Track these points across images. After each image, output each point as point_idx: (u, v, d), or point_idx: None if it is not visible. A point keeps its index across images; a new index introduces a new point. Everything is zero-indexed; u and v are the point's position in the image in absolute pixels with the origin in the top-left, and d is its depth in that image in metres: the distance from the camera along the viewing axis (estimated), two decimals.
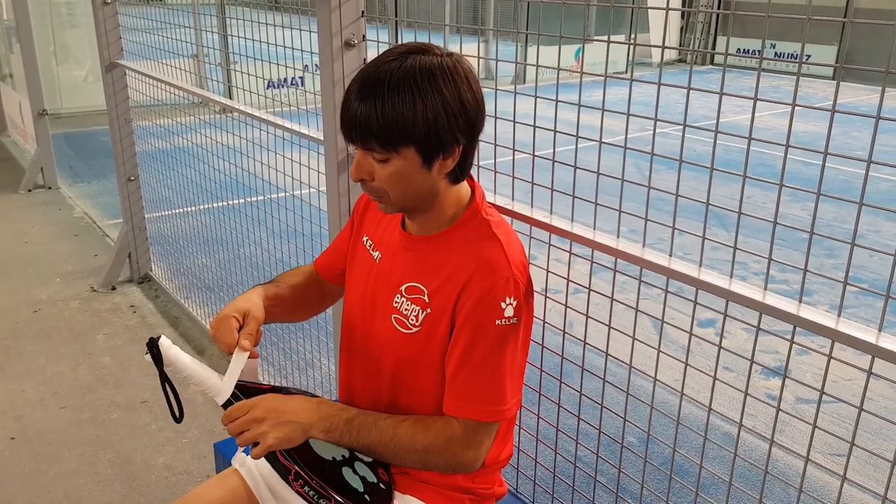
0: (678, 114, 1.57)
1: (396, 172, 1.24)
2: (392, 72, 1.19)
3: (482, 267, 1.27)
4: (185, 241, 3.99)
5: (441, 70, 1.21)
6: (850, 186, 6.30)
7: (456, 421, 1.30)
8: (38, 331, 3.77)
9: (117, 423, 3.00)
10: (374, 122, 1.18)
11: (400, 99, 1.18)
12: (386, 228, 1.46)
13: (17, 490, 2.61)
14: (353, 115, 1.21)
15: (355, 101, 1.20)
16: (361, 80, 1.21)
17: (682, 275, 1.40)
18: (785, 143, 1.23)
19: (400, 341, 1.36)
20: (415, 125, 1.19)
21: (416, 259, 1.36)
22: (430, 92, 1.19)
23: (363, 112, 1.19)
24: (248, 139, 2.96)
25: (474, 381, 1.28)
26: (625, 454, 1.75)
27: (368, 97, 1.19)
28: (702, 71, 14.58)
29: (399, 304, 1.36)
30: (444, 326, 1.31)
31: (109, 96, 4.05)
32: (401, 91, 1.18)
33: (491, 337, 1.26)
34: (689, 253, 1.48)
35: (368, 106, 1.18)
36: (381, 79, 1.19)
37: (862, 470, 2.81)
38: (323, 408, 1.31)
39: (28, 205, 5.89)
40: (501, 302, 1.25)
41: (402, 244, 1.40)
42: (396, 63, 1.20)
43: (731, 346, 1.44)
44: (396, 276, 1.38)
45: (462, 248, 1.31)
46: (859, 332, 1.16)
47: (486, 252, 1.29)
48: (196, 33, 3.86)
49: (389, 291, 1.38)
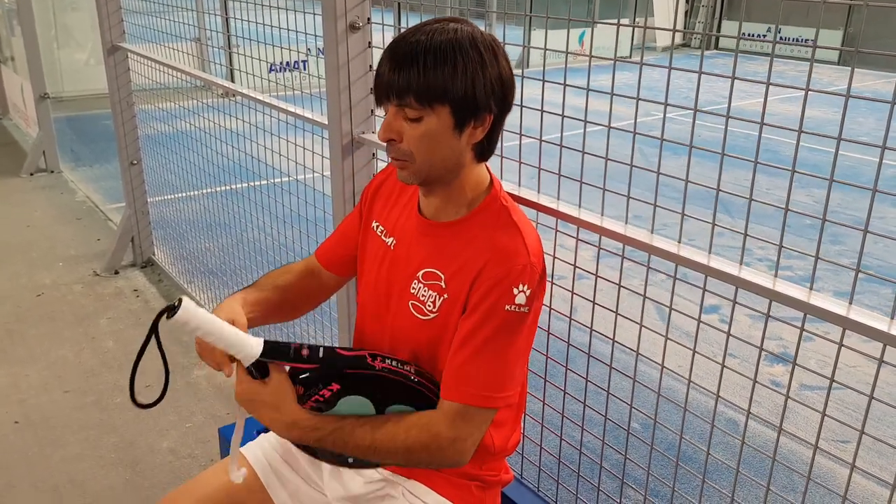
0: (682, 99, 1.56)
1: (428, 132, 1.23)
2: (435, 33, 1.21)
3: (499, 254, 1.27)
4: (187, 225, 3.98)
5: (482, 39, 1.24)
6: (856, 172, 6.28)
7: (442, 413, 1.27)
8: (42, 315, 3.77)
9: (121, 407, 3.00)
10: (414, 76, 1.19)
11: (442, 56, 1.19)
12: (401, 214, 1.44)
13: (22, 474, 2.62)
14: (394, 70, 1.21)
15: (393, 60, 1.22)
16: (400, 41, 1.23)
17: (692, 261, 1.39)
18: (797, 129, 1.21)
19: (417, 327, 1.35)
20: (454, 83, 1.20)
21: (435, 245, 1.35)
22: (471, 55, 1.21)
23: (404, 67, 1.20)
24: (252, 123, 2.94)
25: (474, 364, 1.26)
26: (630, 440, 1.75)
27: (409, 54, 1.20)
28: (706, 56, 14.49)
29: (416, 290, 1.35)
30: (458, 312, 1.30)
31: (111, 79, 4.02)
32: (444, 50, 1.20)
33: (498, 321, 1.25)
34: (694, 239, 1.47)
35: (410, 62, 1.20)
36: (423, 38, 1.21)
37: (866, 457, 2.81)
38: (294, 430, 1.25)
39: (30, 189, 5.87)
40: (514, 288, 1.24)
41: (420, 230, 1.38)
42: (440, 27, 1.23)
43: (736, 333, 1.43)
44: (414, 263, 1.37)
45: (481, 235, 1.31)
46: (871, 319, 1.15)
47: (505, 240, 1.29)
48: (198, 16, 3.84)
49: (406, 278, 1.37)
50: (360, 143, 2.18)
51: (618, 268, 1.64)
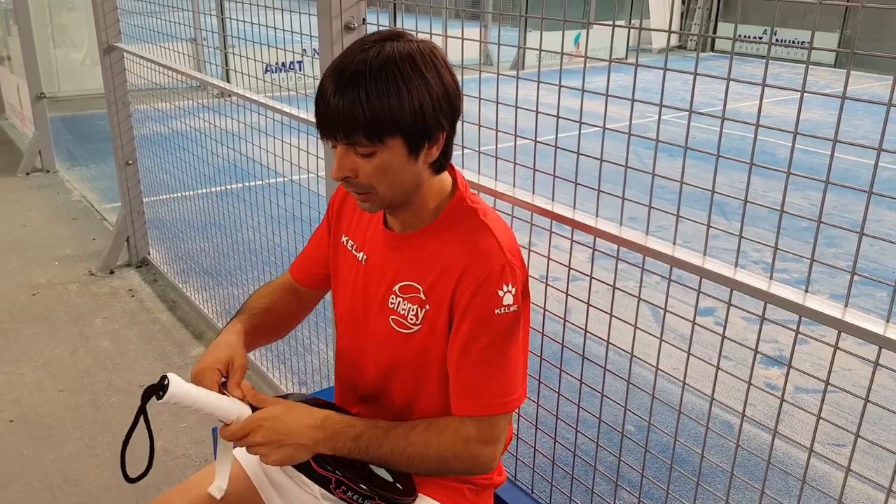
0: (678, 100, 1.56)
1: (382, 165, 1.19)
2: (371, 60, 1.14)
3: (476, 257, 1.24)
4: (183, 225, 3.97)
5: (420, 55, 1.17)
6: (852, 175, 6.28)
7: (469, 420, 1.26)
8: (37, 314, 3.76)
9: (116, 406, 2.99)
10: (359, 113, 1.13)
11: (384, 86, 1.13)
12: (367, 227, 1.41)
13: (16, 472, 2.61)
14: (336, 108, 1.14)
15: (334, 95, 1.14)
16: (338, 73, 1.15)
17: (687, 263, 1.39)
18: (793, 131, 1.21)
19: (400, 341, 1.33)
20: (402, 113, 1.14)
21: (406, 257, 1.32)
22: (413, 77, 1.15)
23: (346, 105, 1.13)
24: (247, 123, 2.94)
25: (480, 375, 1.24)
26: (624, 443, 1.74)
27: (350, 88, 1.13)
28: (702, 58, 14.52)
29: (395, 304, 1.32)
30: (443, 320, 1.28)
31: (107, 79, 4.01)
32: (384, 78, 1.13)
33: (491, 328, 1.23)
34: (689, 241, 1.47)
35: (351, 97, 1.13)
36: (362, 68, 1.13)
37: (861, 460, 2.81)
38: (329, 424, 1.24)
39: (26, 188, 5.86)
40: (498, 290, 1.22)
41: (388, 243, 1.35)
42: (374, 51, 1.15)
43: (730, 335, 1.43)
44: (388, 277, 1.34)
45: (452, 240, 1.28)
46: (866, 322, 1.15)
47: (478, 241, 1.26)
48: (194, 16, 3.83)
49: (383, 293, 1.34)
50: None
51: (612, 269, 1.64)
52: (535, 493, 2.02)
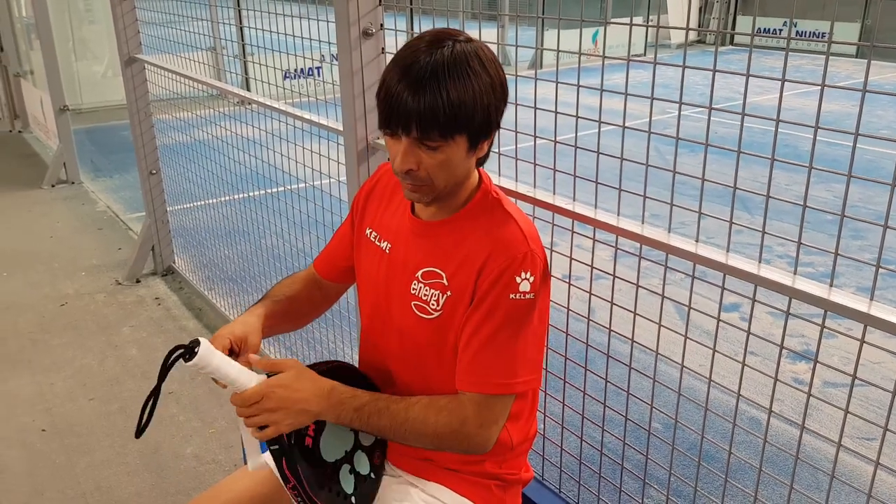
0: (698, 95, 1.55)
1: (447, 160, 1.23)
2: (447, 58, 1.17)
3: (499, 245, 1.28)
4: (207, 233, 4.01)
5: (484, 54, 1.22)
6: (876, 166, 6.21)
7: (467, 399, 1.29)
8: (65, 324, 3.81)
9: None
10: (440, 111, 1.16)
11: (462, 85, 1.17)
12: (392, 217, 1.44)
13: (49, 481, 2.65)
14: (415, 105, 1.16)
15: (412, 93, 1.16)
16: (412, 70, 1.17)
17: (710, 260, 1.38)
18: (814, 125, 1.21)
19: (422, 327, 1.35)
20: (474, 111, 1.19)
21: (431, 244, 1.36)
22: (482, 76, 1.20)
23: (427, 102, 1.16)
24: (267, 131, 2.96)
25: (486, 355, 1.27)
26: (651, 440, 1.74)
27: (430, 86, 1.16)
28: (721, 52, 14.40)
29: (417, 290, 1.35)
30: (463, 307, 1.30)
31: (129, 91, 4.07)
32: (461, 77, 1.17)
33: (503, 310, 1.26)
34: (713, 237, 1.46)
35: (431, 95, 1.16)
36: (439, 67, 1.17)
37: (892, 454, 2.78)
38: (334, 395, 1.28)
39: (52, 200, 5.94)
40: (517, 276, 1.25)
41: (415, 231, 1.39)
42: (446, 50, 1.18)
43: (756, 330, 1.42)
44: (412, 263, 1.37)
45: (477, 230, 1.31)
46: (893, 315, 1.14)
47: (502, 230, 1.30)
48: (213, 26, 3.87)
49: (405, 279, 1.38)
50: (375, 149, 2.19)
51: (635, 267, 1.63)
52: (563, 492, 2.02)
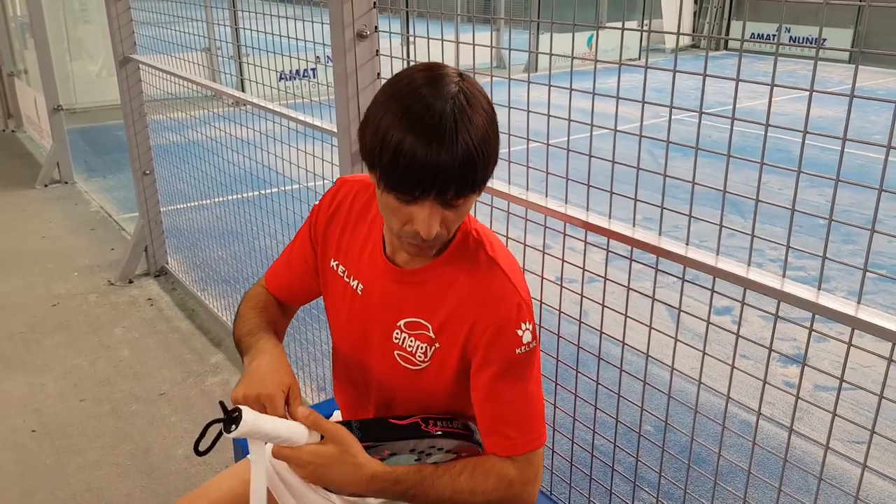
0: (692, 100, 1.56)
1: (463, 213, 1.15)
2: (462, 103, 1.06)
3: (491, 301, 1.22)
4: (200, 233, 4.01)
5: (482, 94, 1.13)
6: (868, 171, 6.24)
7: (508, 461, 1.25)
8: (57, 324, 3.80)
9: (136, 415, 3.02)
10: (474, 166, 1.07)
11: (484, 131, 1.08)
12: (361, 254, 1.35)
13: (39, 482, 2.64)
14: (448, 165, 1.04)
15: (432, 150, 1.04)
16: (431, 121, 1.04)
17: (700, 263, 1.39)
18: (803, 130, 1.22)
19: (409, 377, 1.31)
20: (491, 160, 1.10)
21: (413, 294, 1.28)
22: (494, 122, 1.12)
23: (460, 160, 1.05)
24: (262, 132, 2.96)
25: (509, 415, 1.24)
26: (642, 443, 1.74)
27: (458, 140, 1.04)
28: (716, 56, 14.45)
29: (400, 339, 1.30)
30: (454, 359, 1.26)
31: (123, 91, 4.06)
32: (479, 121, 1.08)
33: (513, 367, 1.22)
34: (706, 241, 1.47)
35: (463, 150, 1.05)
36: (458, 115, 1.05)
37: (881, 457, 2.80)
38: (375, 483, 1.20)
39: (45, 200, 5.93)
40: (517, 330, 1.21)
41: (392, 277, 1.30)
42: (452, 88, 1.07)
43: (748, 334, 1.43)
44: (392, 312, 1.30)
45: (461, 276, 1.24)
46: (879, 318, 1.15)
47: (490, 282, 1.23)
48: (208, 26, 3.87)
49: (385, 327, 1.31)
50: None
51: (627, 270, 1.64)
52: (554, 494, 2.03)
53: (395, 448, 1.25)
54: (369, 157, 1.11)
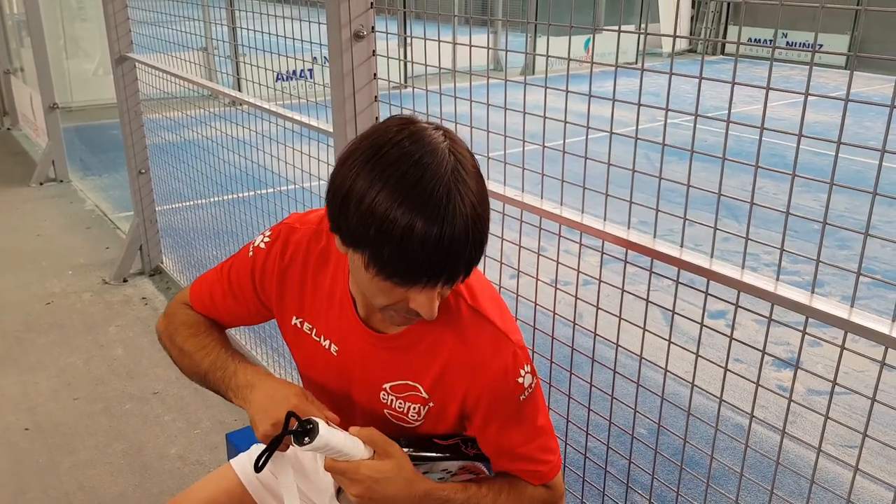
0: (688, 104, 1.56)
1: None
2: (456, 184, 0.97)
3: (484, 362, 1.17)
4: (195, 233, 4.00)
5: (469, 154, 1.05)
6: (863, 177, 6.26)
7: (541, 486, 1.28)
8: (51, 323, 3.80)
9: (130, 413, 3.02)
10: (479, 246, 1.01)
11: (481, 217, 1.00)
12: (329, 313, 1.26)
13: (32, 480, 2.63)
14: (445, 255, 0.97)
15: (435, 239, 0.96)
16: (432, 201, 0.95)
17: (694, 266, 1.39)
18: (798, 133, 1.22)
19: (398, 429, 1.27)
20: (486, 234, 1.03)
21: (397, 359, 1.22)
22: (484, 191, 1.03)
23: (458, 249, 0.98)
24: (258, 132, 2.96)
25: (530, 454, 1.24)
26: (635, 445, 1.75)
27: (456, 228, 0.97)
28: (712, 61, 14.50)
29: (388, 400, 1.25)
30: (452, 413, 1.23)
31: (120, 90, 4.06)
32: (479, 205, 1.00)
33: (522, 412, 1.21)
34: (700, 244, 1.48)
35: (474, 228, 0.98)
36: (464, 192, 0.98)
37: (874, 461, 2.80)
38: (427, 501, 1.18)
39: (40, 198, 5.92)
40: (518, 379, 1.18)
41: (371, 342, 1.23)
42: (449, 163, 0.98)
43: (742, 338, 1.44)
44: (374, 374, 1.25)
45: (448, 338, 1.19)
46: (872, 322, 1.15)
47: (479, 340, 1.18)
48: (205, 26, 3.86)
49: (370, 388, 1.26)
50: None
51: (622, 272, 1.64)
52: None
53: (432, 468, 1.24)
54: (354, 237, 1.01)
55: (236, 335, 3.46)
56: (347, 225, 1.01)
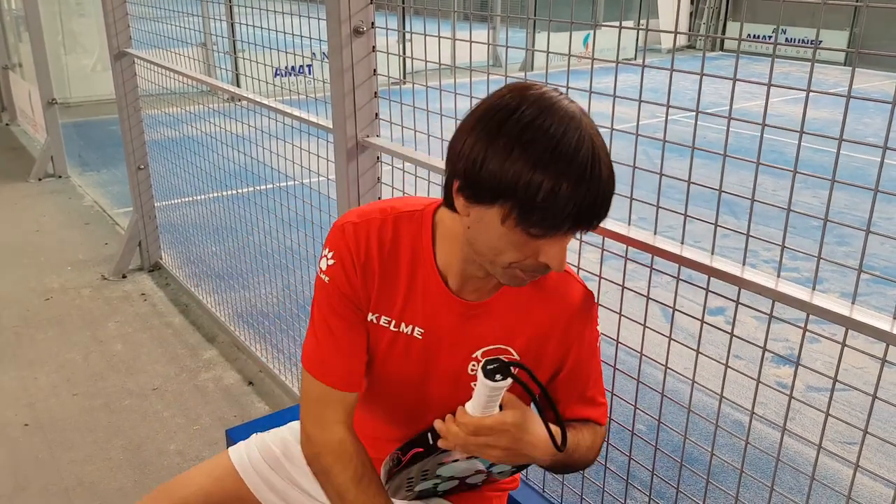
0: (687, 100, 1.56)
1: None
2: (594, 137, 1.05)
3: (574, 312, 1.28)
4: (194, 229, 4.00)
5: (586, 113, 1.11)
6: (863, 173, 6.26)
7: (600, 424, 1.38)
8: (50, 319, 3.79)
9: (129, 409, 3.02)
10: (611, 198, 1.07)
11: (610, 168, 1.07)
12: (416, 300, 1.26)
13: (31, 476, 2.63)
14: (606, 196, 1.05)
15: (600, 182, 1.03)
16: (579, 160, 1.01)
17: (695, 262, 1.39)
18: (799, 130, 1.22)
19: None
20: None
21: (486, 323, 1.27)
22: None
23: (603, 194, 1.04)
24: (257, 127, 2.96)
25: (596, 396, 1.36)
26: (635, 442, 1.75)
27: (599, 176, 1.03)
28: (711, 57, 14.48)
29: (476, 369, 1.22)
30: (545, 368, 1.31)
31: (118, 85, 4.05)
32: (606, 157, 1.07)
33: (596, 358, 1.35)
34: (700, 241, 1.48)
35: (608, 179, 1.05)
36: (592, 152, 1.03)
37: (873, 458, 2.81)
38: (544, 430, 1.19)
39: (38, 193, 5.91)
40: (597, 326, 1.34)
41: (462, 313, 1.26)
42: (586, 128, 1.05)
43: (741, 334, 1.44)
44: (465, 347, 1.27)
45: (540, 294, 1.27)
46: (874, 319, 1.15)
47: (568, 293, 1.28)
48: (204, 21, 3.86)
49: (458, 363, 1.28)
50: (364, 147, 2.19)
51: (622, 269, 1.64)
52: (547, 492, 2.03)
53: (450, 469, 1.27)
54: (496, 190, 1.03)
55: (236, 332, 3.47)
56: (490, 177, 1.03)
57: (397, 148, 2.10)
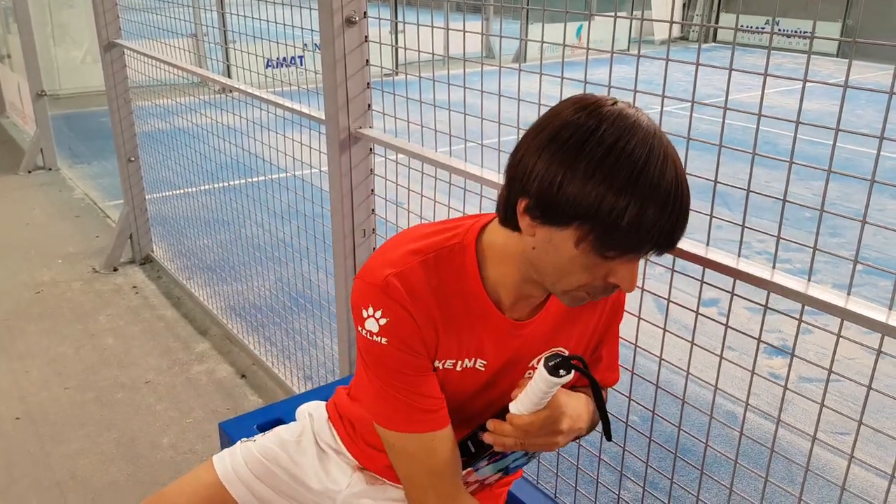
0: (681, 91, 1.56)
1: None
2: (673, 160, 1.03)
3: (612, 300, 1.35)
4: (186, 221, 3.98)
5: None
6: (854, 164, 6.27)
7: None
8: (41, 312, 3.77)
9: (122, 403, 3.00)
10: (687, 221, 1.07)
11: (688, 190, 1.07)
12: (473, 333, 1.23)
13: (23, 470, 2.62)
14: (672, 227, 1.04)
15: (667, 215, 1.02)
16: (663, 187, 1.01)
17: (690, 254, 1.39)
18: (795, 121, 1.21)
19: None
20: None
21: (540, 337, 1.28)
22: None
23: (685, 217, 1.06)
24: (249, 119, 2.94)
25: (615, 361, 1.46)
26: (629, 433, 1.75)
27: (681, 199, 1.04)
28: (705, 48, 14.47)
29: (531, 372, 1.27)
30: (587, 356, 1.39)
31: (108, 77, 4.02)
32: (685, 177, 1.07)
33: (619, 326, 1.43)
34: (693, 232, 1.48)
35: (686, 208, 1.06)
36: (676, 175, 1.03)
37: (865, 448, 2.82)
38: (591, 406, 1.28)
39: (28, 186, 5.87)
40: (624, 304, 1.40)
41: (517, 334, 1.25)
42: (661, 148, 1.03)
43: (735, 325, 1.44)
44: (523, 362, 1.29)
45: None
46: (869, 310, 1.15)
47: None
48: (195, 12, 3.83)
49: (516, 375, 1.29)
50: (357, 138, 2.18)
51: None
52: (541, 483, 2.03)
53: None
54: (572, 212, 1.01)
55: (228, 325, 3.45)
56: (568, 199, 1.01)
57: (390, 139, 2.09)
